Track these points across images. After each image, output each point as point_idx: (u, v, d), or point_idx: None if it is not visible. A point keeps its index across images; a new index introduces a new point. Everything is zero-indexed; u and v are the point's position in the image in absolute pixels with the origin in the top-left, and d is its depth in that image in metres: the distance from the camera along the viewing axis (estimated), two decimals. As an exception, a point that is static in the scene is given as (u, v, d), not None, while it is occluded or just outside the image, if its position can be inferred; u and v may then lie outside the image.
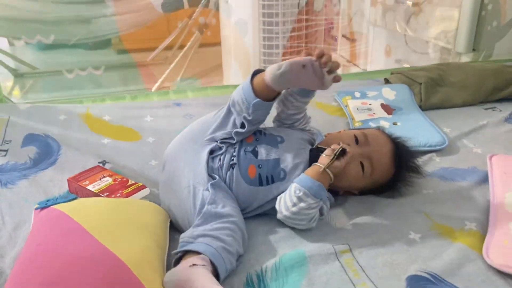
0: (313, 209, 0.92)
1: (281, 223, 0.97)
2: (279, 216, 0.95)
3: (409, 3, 2.44)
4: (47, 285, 0.68)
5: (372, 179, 1.05)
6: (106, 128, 1.45)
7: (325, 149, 0.99)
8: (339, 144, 0.98)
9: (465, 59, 2.09)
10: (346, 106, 1.59)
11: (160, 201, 1.03)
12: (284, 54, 2.18)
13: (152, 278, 0.73)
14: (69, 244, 0.75)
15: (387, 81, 1.79)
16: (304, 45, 2.26)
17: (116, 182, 1.07)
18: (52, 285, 0.68)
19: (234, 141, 1.02)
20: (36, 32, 3.47)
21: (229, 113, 1.04)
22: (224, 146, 1.02)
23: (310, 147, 1.08)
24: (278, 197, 0.95)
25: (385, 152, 1.05)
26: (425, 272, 0.84)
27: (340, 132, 1.14)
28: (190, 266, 0.75)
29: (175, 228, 0.98)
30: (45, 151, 1.29)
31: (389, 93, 1.62)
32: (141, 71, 4.05)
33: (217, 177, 0.97)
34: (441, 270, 0.85)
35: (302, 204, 0.91)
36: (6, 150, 1.29)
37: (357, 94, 1.65)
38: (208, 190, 0.92)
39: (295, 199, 0.91)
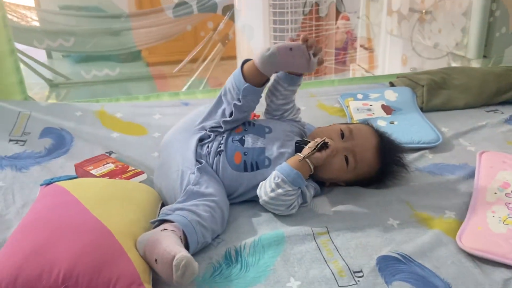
0: (291, 196, 0.97)
1: (265, 209, 1.03)
2: (260, 201, 1.01)
3: (423, 11, 2.47)
4: (37, 248, 0.75)
5: (356, 172, 1.09)
6: (117, 123, 1.55)
7: (309, 141, 1.04)
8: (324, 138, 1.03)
9: (475, 65, 2.10)
10: (347, 107, 1.63)
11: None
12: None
13: (135, 249, 0.79)
14: (63, 214, 0.83)
15: (392, 85, 1.82)
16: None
17: (117, 168, 1.16)
18: (41, 247, 0.75)
19: (223, 130, 1.09)
20: (67, 42, 3.67)
21: (219, 103, 1.12)
22: (212, 135, 1.09)
23: (297, 137, 1.13)
24: (260, 183, 1.01)
25: (370, 146, 1.09)
26: (396, 253, 0.87)
27: (330, 126, 1.19)
28: (161, 230, 0.81)
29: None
30: (59, 142, 1.39)
31: (391, 95, 1.66)
32: (163, 83, 4.20)
33: (204, 162, 1.04)
34: (412, 251, 0.88)
35: (279, 190, 0.96)
36: (25, 141, 1.40)
37: (360, 96, 1.69)
38: (194, 173, 0.99)
39: (273, 185, 0.97)
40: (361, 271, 0.84)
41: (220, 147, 1.07)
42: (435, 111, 1.61)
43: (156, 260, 0.76)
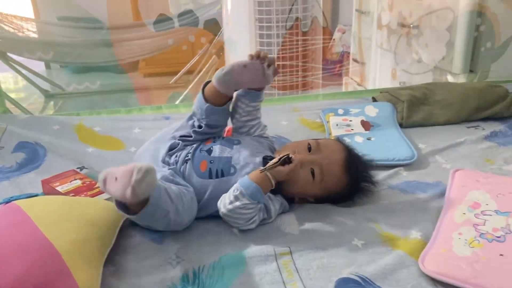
0: (249, 209, 0.96)
1: (231, 227, 1.01)
2: (220, 213, 1.00)
3: (410, 26, 2.47)
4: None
5: (323, 186, 1.07)
6: (94, 138, 1.54)
7: (275, 157, 1.03)
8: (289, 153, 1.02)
9: (462, 80, 2.09)
10: (327, 122, 1.62)
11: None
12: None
13: (82, 268, 0.78)
14: (13, 233, 0.82)
15: (374, 100, 1.81)
16: (301, 63, 2.33)
17: (84, 185, 1.14)
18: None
19: (192, 139, 1.11)
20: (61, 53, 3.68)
21: (190, 118, 1.16)
22: (181, 143, 1.11)
23: (266, 152, 1.12)
24: (222, 195, 1.00)
25: (336, 160, 1.08)
26: (356, 275, 0.85)
27: (299, 141, 1.18)
28: None
29: (134, 227, 1.03)
30: (32, 157, 1.39)
31: (371, 111, 1.65)
32: (159, 94, 4.21)
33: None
34: (372, 274, 0.86)
35: (237, 203, 0.95)
36: (-2, 155, 1.39)
37: (341, 111, 1.68)
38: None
39: (232, 198, 0.96)
40: (318, 294, 0.82)
41: (188, 156, 1.09)
42: (416, 127, 1.60)
43: (116, 178, 0.80)
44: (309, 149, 1.08)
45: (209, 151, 1.09)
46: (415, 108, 1.64)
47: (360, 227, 1.02)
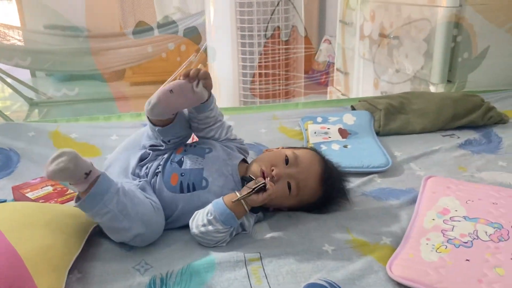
0: (221, 233, 0.96)
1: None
2: (191, 232, 0.98)
3: (391, 37, 2.51)
4: None
5: (298, 198, 1.07)
6: (69, 144, 1.52)
7: (253, 179, 1.01)
8: (264, 178, 1.01)
9: (440, 90, 2.12)
10: (306, 130, 1.63)
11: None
12: (253, 82, 2.26)
13: (45, 275, 0.76)
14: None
15: (353, 108, 1.82)
16: (284, 72, 2.34)
17: (55, 191, 1.13)
18: None
19: (163, 148, 1.10)
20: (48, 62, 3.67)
21: None
22: (152, 153, 1.10)
23: (238, 156, 1.13)
24: (194, 213, 0.99)
25: (313, 173, 1.08)
26: (324, 281, 0.85)
27: (277, 148, 1.18)
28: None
29: (104, 235, 1.02)
30: (4, 164, 1.37)
31: (349, 119, 1.66)
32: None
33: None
34: (340, 279, 0.86)
35: (210, 227, 0.95)
36: (-30, 162, 1.37)
37: (319, 119, 1.69)
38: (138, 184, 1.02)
39: (205, 221, 0.95)
40: (285, 300, 0.82)
41: (158, 168, 1.07)
42: (392, 135, 1.61)
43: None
44: (286, 161, 1.07)
45: (180, 163, 1.07)
46: (392, 117, 1.66)
47: (332, 233, 1.02)
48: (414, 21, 2.21)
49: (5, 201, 1.02)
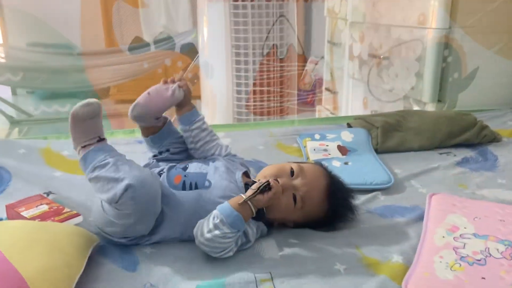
0: (228, 239, 0.93)
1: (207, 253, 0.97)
2: (196, 241, 0.95)
3: (381, 57, 2.54)
4: None
5: (304, 212, 1.05)
6: (62, 162, 1.48)
7: (256, 182, 1.00)
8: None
9: (430, 109, 2.14)
10: (304, 147, 1.62)
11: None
12: (248, 99, 2.26)
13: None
14: (-25, 259, 0.75)
15: (349, 126, 1.83)
16: (279, 90, 2.36)
17: (51, 210, 1.08)
18: None
19: (166, 158, 1.14)
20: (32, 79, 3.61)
21: None
22: (155, 162, 1.13)
23: (242, 168, 1.12)
24: (198, 222, 0.96)
25: (319, 186, 1.06)
26: (339, 301, 0.83)
27: (281, 164, 1.16)
28: None
29: (104, 255, 0.97)
30: (-4, 182, 1.31)
31: (347, 136, 1.66)
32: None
33: None
34: (355, 299, 0.83)
35: (217, 232, 0.91)
36: (-42, 180, 1.31)
37: (317, 136, 1.68)
38: None
39: (211, 226, 0.92)
40: (302, 322, 0.78)
41: (163, 170, 1.08)
42: (390, 152, 1.61)
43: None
44: (292, 173, 1.06)
45: (185, 168, 1.08)
46: (389, 134, 1.66)
47: (342, 251, 1.00)
48: (404, 42, 2.24)
49: (0, 219, 0.96)
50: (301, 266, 0.94)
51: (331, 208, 1.07)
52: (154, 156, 1.17)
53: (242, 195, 0.96)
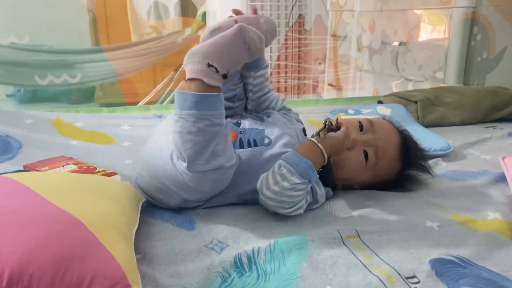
0: (299, 191, 0.78)
1: (274, 212, 0.82)
2: (260, 198, 0.81)
3: (396, 43, 2.46)
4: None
5: (376, 171, 0.92)
6: (76, 132, 1.31)
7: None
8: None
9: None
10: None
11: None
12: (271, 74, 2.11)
13: (115, 240, 0.56)
14: (10, 201, 0.59)
15: (380, 103, 1.71)
16: (298, 64, 2.22)
17: (82, 169, 0.92)
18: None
19: None
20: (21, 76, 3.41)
21: None
22: None
23: (300, 124, 0.99)
24: (261, 175, 0.81)
25: (392, 142, 0.94)
26: (450, 256, 0.69)
27: (348, 118, 1.03)
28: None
29: (152, 213, 0.82)
30: (3, 149, 1.13)
31: (384, 110, 1.54)
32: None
33: None
34: (468, 254, 0.70)
35: (285, 183, 0.77)
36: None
37: (351, 111, 1.56)
38: None
39: (278, 177, 0.78)
40: (415, 277, 0.64)
41: None
42: (431, 126, 1.50)
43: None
44: (361, 128, 0.92)
45: (238, 124, 0.92)
46: (429, 109, 1.55)
47: (426, 210, 0.87)
48: (424, 25, 2.16)
49: (28, 171, 0.80)
50: (386, 223, 0.80)
51: (406, 166, 0.94)
52: None
53: (309, 138, 0.83)
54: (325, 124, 0.85)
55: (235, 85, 0.98)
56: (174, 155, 0.78)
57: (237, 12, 0.91)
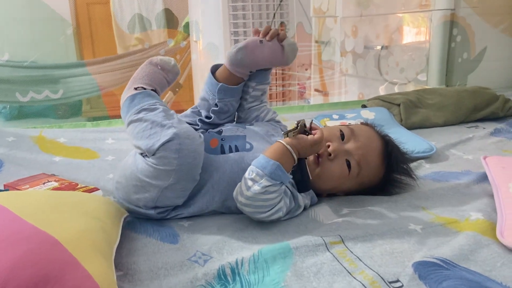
0: (272, 193, 0.78)
1: (259, 222, 0.82)
2: (238, 206, 0.81)
3: (378, 47, 2.48)
4: None
5: (359, 179, 0.92)
6: (59, 148, 1.30)
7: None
8: (318, 160, 0.90)
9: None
10: (324, 126, 1.50)
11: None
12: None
13: (92, 258, 0.55)
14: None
15: (364, 107, 1.72)
16: (281, 72, 2.23)
17: (64, 186, 0.91)
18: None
19: (199, 127, 0.98)
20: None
21: (195, 108, 1.03)
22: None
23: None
24: (237, 185, 0.81)
25: (374, 149, 0.94)
26: (433, 258, 0.69)
27: (329, 127, 1.03)
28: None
29: (135, 228, 0.81)
30: (-16, 167, 1.12)
31: (368, 114, 1.55)
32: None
33: None
34: (451, 255, 0.70)
35: (256, 187, 0.77)
36: None
37: (336, 116, 1.56)
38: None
39: (249, 182, 0.78)
40: (398, 281, 0.64)
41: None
42: (414, 129, 1.51)
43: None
44: (342, 137, 0.93)
45: (219, 132, 0.94)
46: (412, 111, 1.56)
47: (408, 213, 0.87)
48: (406, 28, 2.19)
49: (7, 190, 0.79)
50: (370, 228, 0.80)
51: (387, 173, 0.95)
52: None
53: (279, 140, 0.83)
54: (297, 125, 0.84)
55: (236, 102, 1.01)
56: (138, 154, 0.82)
57: (258, 32, 0.96)
